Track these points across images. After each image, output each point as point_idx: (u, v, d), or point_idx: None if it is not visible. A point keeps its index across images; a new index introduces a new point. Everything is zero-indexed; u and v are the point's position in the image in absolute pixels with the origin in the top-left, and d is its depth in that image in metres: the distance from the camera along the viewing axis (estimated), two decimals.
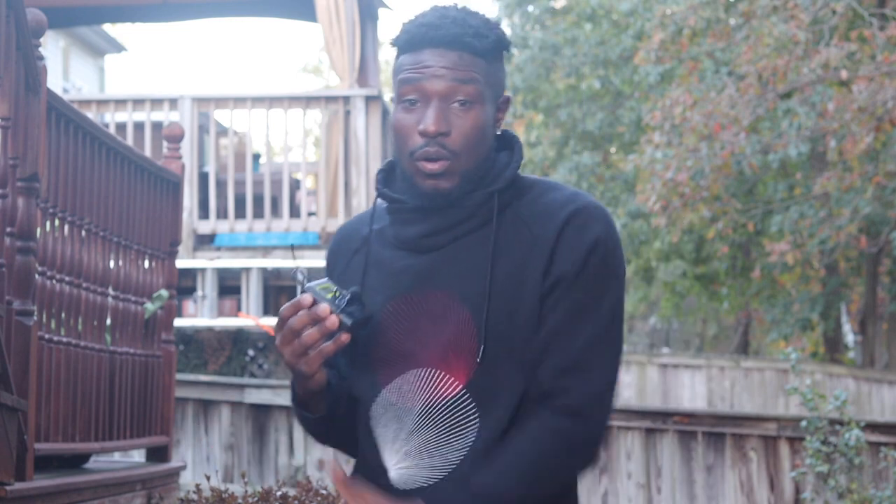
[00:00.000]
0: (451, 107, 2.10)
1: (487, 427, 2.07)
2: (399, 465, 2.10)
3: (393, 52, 2.30)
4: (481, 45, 2.12)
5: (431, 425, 2.08)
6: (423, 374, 2.09)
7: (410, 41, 2.14)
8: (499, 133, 2.19)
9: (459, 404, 2.08)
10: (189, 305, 10.10)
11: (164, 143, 5.95)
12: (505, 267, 2.10)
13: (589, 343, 2.06)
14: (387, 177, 2.22)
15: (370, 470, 2.15)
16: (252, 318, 9.80)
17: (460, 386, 2.07)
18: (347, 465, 2.35)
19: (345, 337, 2.04)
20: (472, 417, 2.08)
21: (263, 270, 10.08)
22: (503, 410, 2.08)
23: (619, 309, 2.11)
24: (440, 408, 2.08)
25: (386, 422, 2.11)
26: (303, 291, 2.06)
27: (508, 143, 2.21)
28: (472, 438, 2.07)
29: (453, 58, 2.10)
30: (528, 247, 2.10)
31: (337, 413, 2.21)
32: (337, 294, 2.06)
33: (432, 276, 2.11)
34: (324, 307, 2.03)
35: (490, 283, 2.09)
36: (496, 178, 2.15)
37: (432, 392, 2.08)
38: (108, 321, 5.08)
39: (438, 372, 2.09)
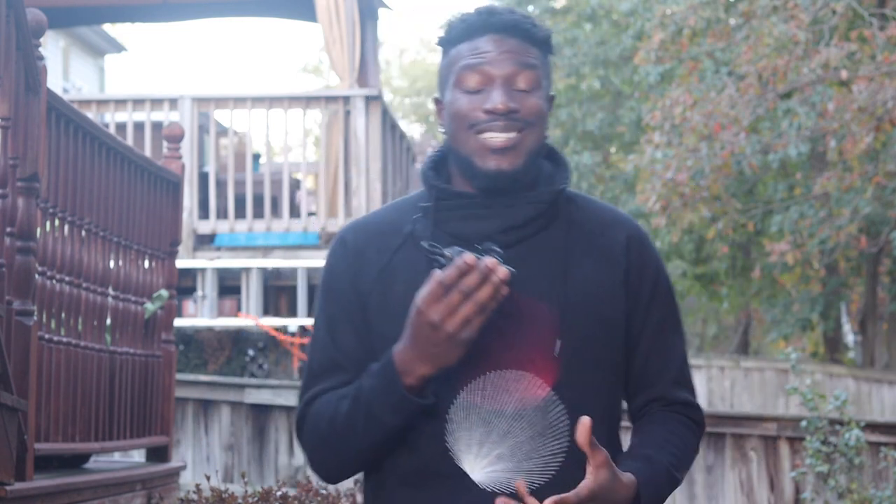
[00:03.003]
0: (513, 88, 2.10)
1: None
2: (489, 468, 2.04)
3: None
4: (538, 34, 2.13)
5: (525, 428, 2.04)
6: (509, 375, 2.04)
7: (468, 29, 2.13)
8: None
9: (550, 407, 2.05)
10: (189, 305, 10.10)
11: (164, 143, 5.95)
12: (580, 267, 2.12)
13: (685, 357, 2.23)
14: (437, 173, 2.18)
15: (423, 475, 2.10)
16: (252, 318, 9.79)
17: (549, 388, 2.04)
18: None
19: (505, 290, 1.97)
20: (563, 420, 2.05)
21: (263, 270, 10.08)
22: (590, 412, 2.05)
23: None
24: (533, 410, 2.03)
25: (469, 425, 2.03)
26: (443, 259, 1.99)
27: (548, 152, 2.21)
28: (567, 442, 2.04)
29: (513, 43, 2.11)
30: (600, 253, 2.15)
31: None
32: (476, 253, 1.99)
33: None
34: (492, 260, 1.95)
35: (567, 285, 2.10)
36: (552, 179, 2.16)
37: (523, 394, 2.03)
38: (108, 321, 5.08)
39: (526, 373, 2.04)
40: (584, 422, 1.97)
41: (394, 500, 2.16)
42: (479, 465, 2.03)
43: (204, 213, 10.35)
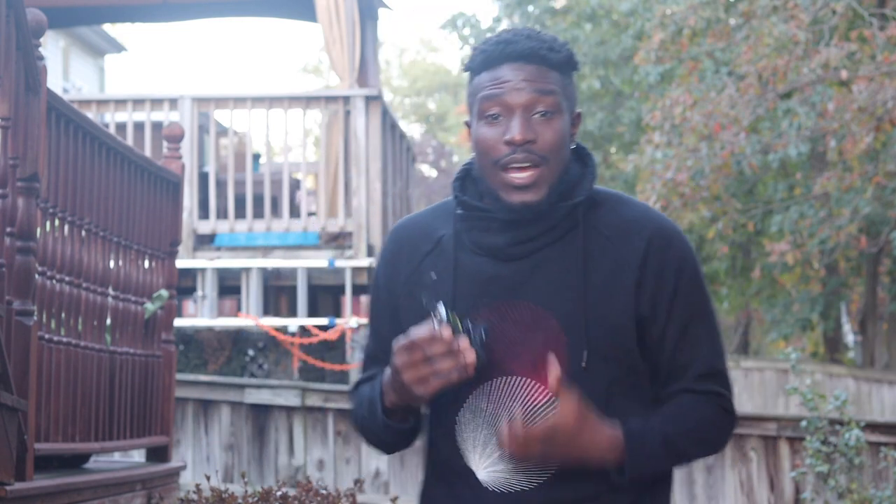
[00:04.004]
0: (532, 118, 2.17)
1: None
2: (491, 467, 2.14)
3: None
4: (556, 58, 2.19)
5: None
6: (514, 381, 2.13)
7: (488, 59, 2.20)
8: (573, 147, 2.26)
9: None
10: (189, 305, 10.10)
11: (164, 143, 5.95)
12: (592, 279, 2.18)
13: (714, 349, 2.22)
14: (463, 184, 2.27)
15: (449, 470, 2.21)
16: (252, 318, 9.79)
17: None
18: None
19: (472, 370, 2.07)
20: None
21: (263, 270, 10.08)
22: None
23: (715, 311, 2.28)
24: (534, 415, 2.12)
25: (475, 426, 2.15)
26: (439, 318, 2.09)
27: (579, 155, 2.28)
28: None
29: (531, 70, 2.18)
30: (613, 262, 2.19)
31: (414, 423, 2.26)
32: (464, 326, 2.08)
33: (518, 285, 2.17)
34: (464, 343, 2.06)
35: (577, 294, 2.16)
36: (573, 190, 2.22)
37: (525, 399, 2.12)
38: (108, 321, 5.08)
39: (530, 380, 2.13)
40: (554, 372, 2.05)
41: (433, 496, 2.28)
42: (483, 464, 2.14)
43: (204, 213, 10.35)
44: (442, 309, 2.10)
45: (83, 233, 4.79)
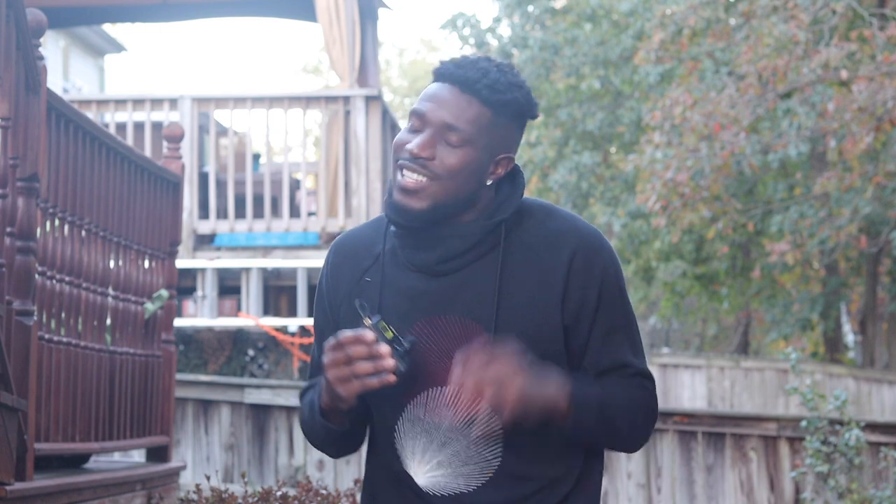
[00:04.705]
0: (442, 139, 2.21)
1: (515, 439, 2.22)
2: (431, 472, 2.24)
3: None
4: (493, 98, 2.21)
5: (461, 438, 2.22)
6: (447, 391, 2.22)
7: (435, 73, 2.26)
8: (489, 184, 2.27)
9: (485, 419, 2.21)
10: (189, 305, 10.10)
11: (164, 143, 5.95)
12: (518, 290, 2.24)
13: (635, 353, 2.29)
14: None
15: (391, 476, 2.30)
16: (252, 318, 9.80)
17: (483, 402, 2.18)
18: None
19: (391, 379, 2.14)
20: (496, 429, 2.22)
21: (263, 270, 10.08)
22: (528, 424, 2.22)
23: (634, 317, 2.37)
24: (468, 421, 2.21)
25: (414, 435, 2.24)
26: (369, 324, 2.15)
27: (510, 174, 2.32)
28: (500, 450, 2.23)
29: (460, 99, 2.21)
30: (539, 273, 2.24)
31: (352, 428, 2.33)
32: (393, 336, 2.15)
33: (448, 300, 2.24)
34: (384, 349, 2.13)
35: (499, 306, 2.23)
36: (500, 207, 2.26)
37: (458, 408, 2.21)
38: (108, 321, 5.08)
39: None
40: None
41: (383, 498, 2.37)
42: (422, 470, 2.24)
43: (204, 213, 10.35)
44: (375, 317, 2.16)
45: (83, 233, 4.79)
